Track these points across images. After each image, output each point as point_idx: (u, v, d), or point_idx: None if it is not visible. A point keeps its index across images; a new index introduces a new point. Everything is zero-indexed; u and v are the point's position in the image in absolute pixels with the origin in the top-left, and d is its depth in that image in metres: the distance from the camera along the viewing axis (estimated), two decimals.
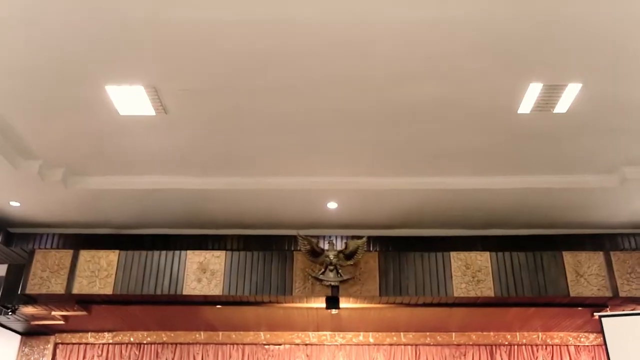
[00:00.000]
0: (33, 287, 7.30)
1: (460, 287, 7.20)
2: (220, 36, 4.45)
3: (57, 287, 7.28)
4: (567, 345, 9.04)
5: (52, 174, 6.64)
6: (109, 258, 7.44)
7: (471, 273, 7.26)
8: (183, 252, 7.50)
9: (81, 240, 7.88)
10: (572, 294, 7.13)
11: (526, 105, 5.32)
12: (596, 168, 6.60)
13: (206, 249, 7.73)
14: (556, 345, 9.04)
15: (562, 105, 5.29)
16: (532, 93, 5.12)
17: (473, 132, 5.87)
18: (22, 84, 5.05)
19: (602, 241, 7.72)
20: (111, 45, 4.53)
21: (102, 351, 9.15)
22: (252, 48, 4.60)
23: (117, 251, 7.50)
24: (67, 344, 9.18)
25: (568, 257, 7.30)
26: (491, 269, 7.28)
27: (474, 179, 6.83)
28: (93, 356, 9.12)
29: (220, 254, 7.49)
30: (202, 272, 7.34)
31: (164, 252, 7.50)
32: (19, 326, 8.58)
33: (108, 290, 7.27)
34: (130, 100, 5.24)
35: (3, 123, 5.67)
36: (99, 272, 7.34)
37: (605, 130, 5.81)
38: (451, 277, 7.25)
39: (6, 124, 5.69)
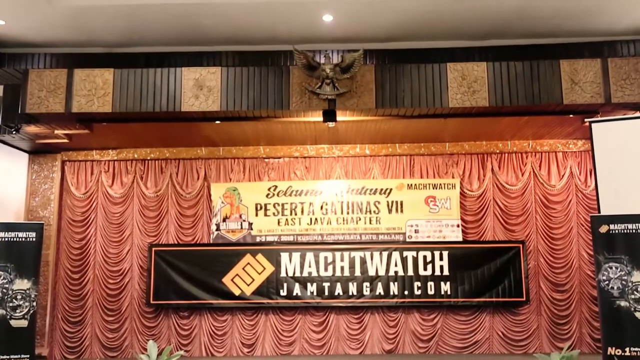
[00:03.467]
0: (32, 106, 7.33)
1: (456, 98, 7.26)
2: None
3: (56, 106, 7.32)
4: (555, 152, 9.38)
5: None
6: (104, 77, 7.38)
7: (467, 84, 7.27)
8: (178, 69, 7.42)
9: (74, 59, 7.80)
10: (566, 101, 7.21)
11: None
12: None
13: (201, 65, 7.66)
14: (545, 152, 9.38)
15: None
16: None
17: None
18: None
19: (601, 49, 7.66)
20: None
21: (108, 167, 9.51)
22: None
23: (111, 69, 7.41)
24: (74, 161, 9.51)
25: (565, 65, 7.25)
26: (487, 79, 7.27)
27: None
28: (100, 172, 9.50)
29: (216, 70, 7.43)
30: (199, 89, 7.34)
31: (159, 70, 7.42)
32: (25, 145, 8.82)
33: (107, 109, 7.32)
34: None
35: None
36: (96, 90, 7.33)
37: None
38: (447, 88, 7.28)
39: None
